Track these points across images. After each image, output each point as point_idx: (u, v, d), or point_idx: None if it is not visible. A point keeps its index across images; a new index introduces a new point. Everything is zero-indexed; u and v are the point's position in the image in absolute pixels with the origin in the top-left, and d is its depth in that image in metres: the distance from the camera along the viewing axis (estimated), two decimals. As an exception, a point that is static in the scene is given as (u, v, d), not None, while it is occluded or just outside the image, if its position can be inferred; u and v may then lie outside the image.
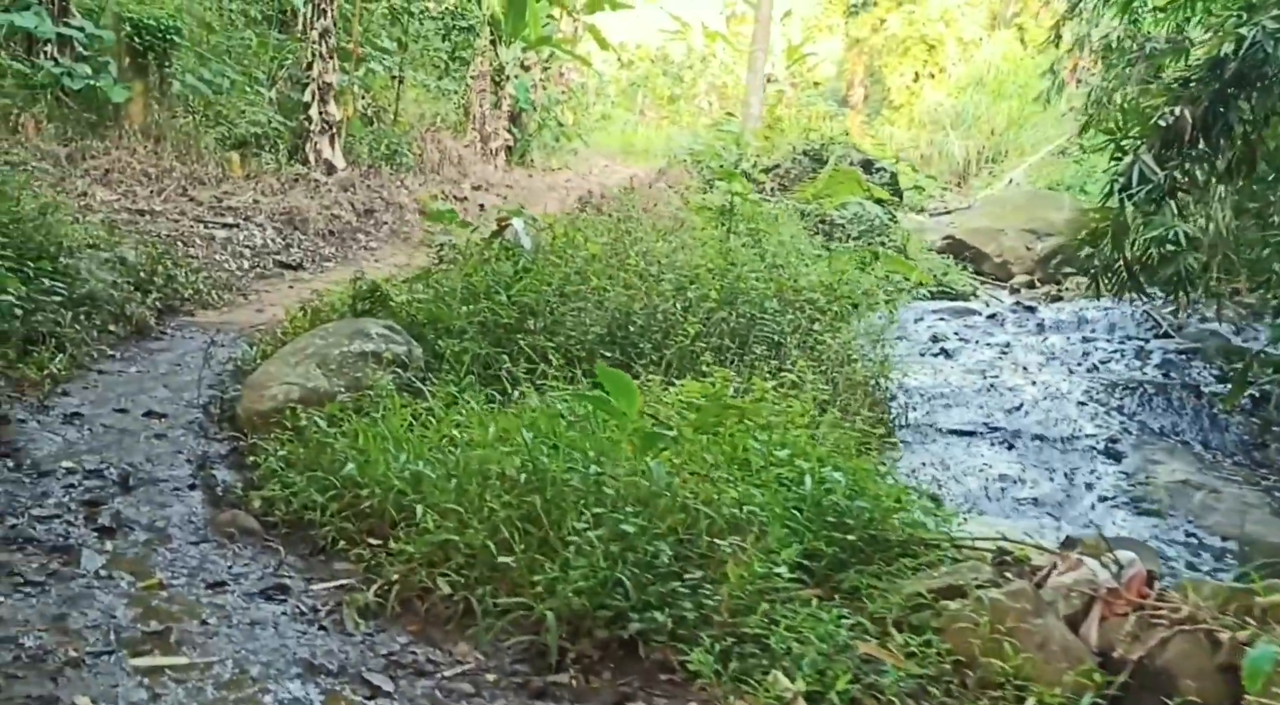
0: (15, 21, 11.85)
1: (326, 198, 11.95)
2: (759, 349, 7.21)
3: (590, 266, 7.43)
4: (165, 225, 9.81)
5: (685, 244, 8.28)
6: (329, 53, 14.45)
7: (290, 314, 7.35)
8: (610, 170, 24.22)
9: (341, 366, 5.99)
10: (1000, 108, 26.51)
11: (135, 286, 8.09)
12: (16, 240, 7.33)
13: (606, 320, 6.88)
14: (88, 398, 6.24)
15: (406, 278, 7.95)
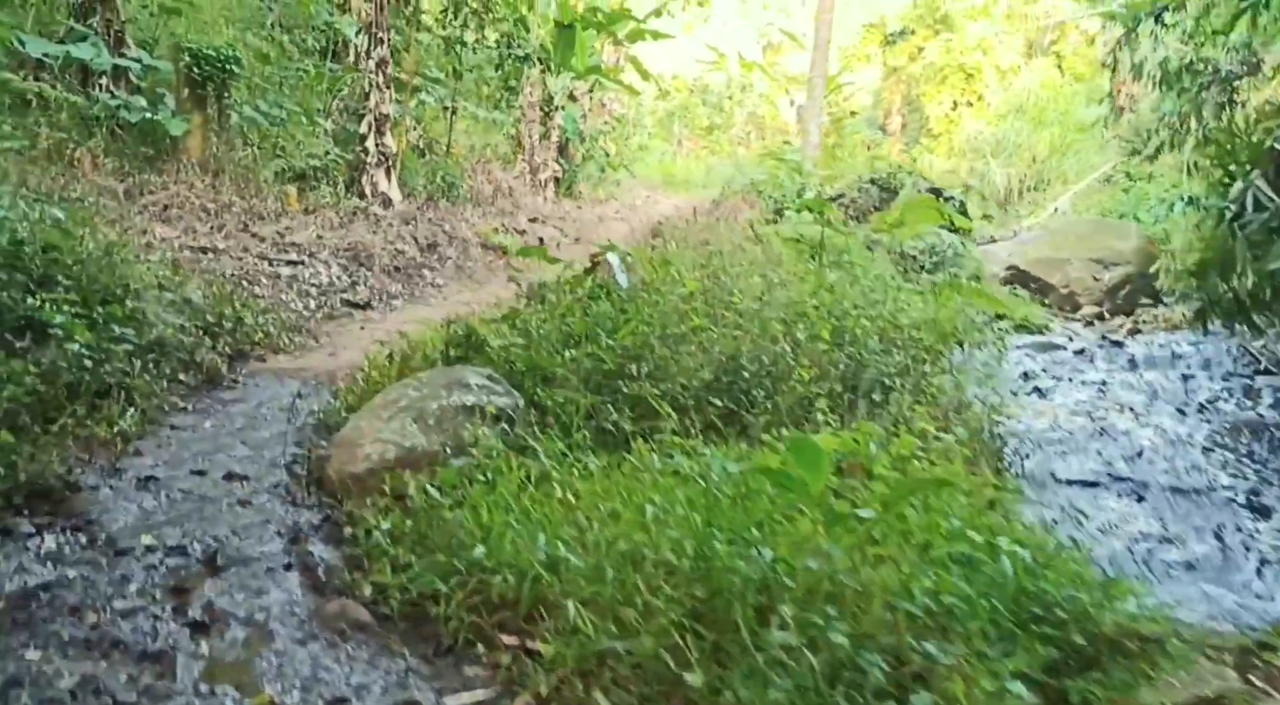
0: (72, 53, 11.36)
1: (389, 232, 11.34)
2: (869, 393, 6.53)
3: (689, 305, 6.76)
4: (229, 263, 9.20)
5: (783, 279, 7.59)
6: (385, 83, 13.92)
7: (373, 360, 6.70)
8: (654, 200, 23.63)
9: (440, 422, 5.31)
10: (1041, 135, 25.77)
11: (204, 330, 7.46)
12: (81, 282, 6.72)
13: (714, 364, 6.20)
14: (162, 458, 5.58)
15: (492, 318, 7.29)
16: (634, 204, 22.48)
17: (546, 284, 7.04)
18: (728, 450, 5.24)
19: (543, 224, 15.32)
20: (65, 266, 6.77)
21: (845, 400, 6.45)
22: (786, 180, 14.83)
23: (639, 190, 24.19)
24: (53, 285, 6.54)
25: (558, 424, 5.53)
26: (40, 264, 6.55)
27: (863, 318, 7.12)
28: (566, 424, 5.52)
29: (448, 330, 6.44)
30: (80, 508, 4.80)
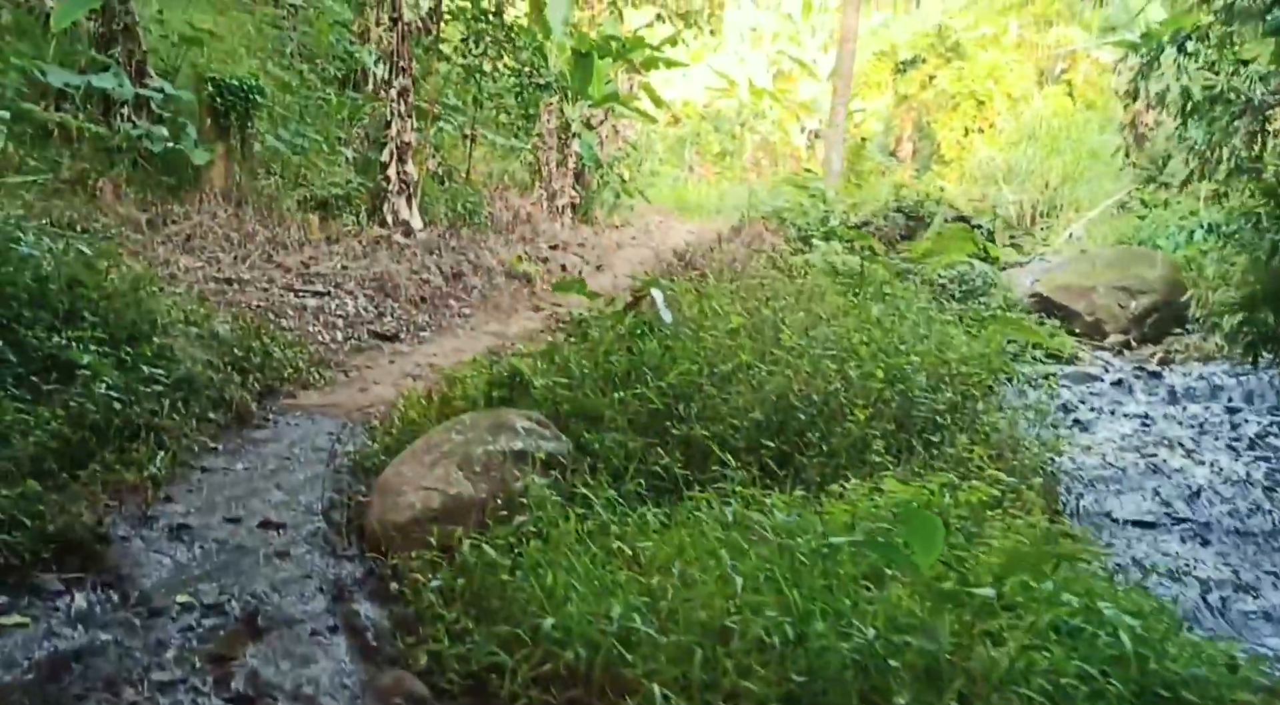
0: (94, 83, 11.11)
1: (413, 261, 11.05)
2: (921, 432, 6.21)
3: (735, 341, 6.44)
4: (254, 294, 8.91)
5: (827, 313, 7.27)
6: (407, 112, 13.67)
7: (410, 399, 6.38)
8: (667, 225, 23.34)
9: (487, 468, 4.99)
10: (1054, 162, 25.46)
11: (232, 366, 7.15)
12: (108, 318, 6.43)
13: (765, 404, 5.88)
14: (193, 504, 5.27)
15: (527, 353, 6.98)
16: (649, 229, 22.19)
17: (587, 319, 6.71)
18: (789, 499, 4.91)
19: (564, 251, 15.04)
20: (91, 301, 6.47)
21: (898, 440, 6.12)
22: (811, 208, 14.51)
23: (652, 215, 23.90)
24: (78, 321, 6.25)
25: (607, 469, 5.21)
26: (66, 300, 6.25)
27: (911, 353, 6.80)
28: (618, 469, 5.20)
29: (490, 371, 6.11)
30: (111, 561, 4.48)
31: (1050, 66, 28.52)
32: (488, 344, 9.09)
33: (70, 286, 6.43)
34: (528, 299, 11.60)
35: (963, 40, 28.89)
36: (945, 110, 28.95)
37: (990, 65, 28.51)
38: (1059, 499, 6.77)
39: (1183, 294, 13.66)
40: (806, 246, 12.43)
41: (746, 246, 14.60)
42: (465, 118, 16.86)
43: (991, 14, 29.78)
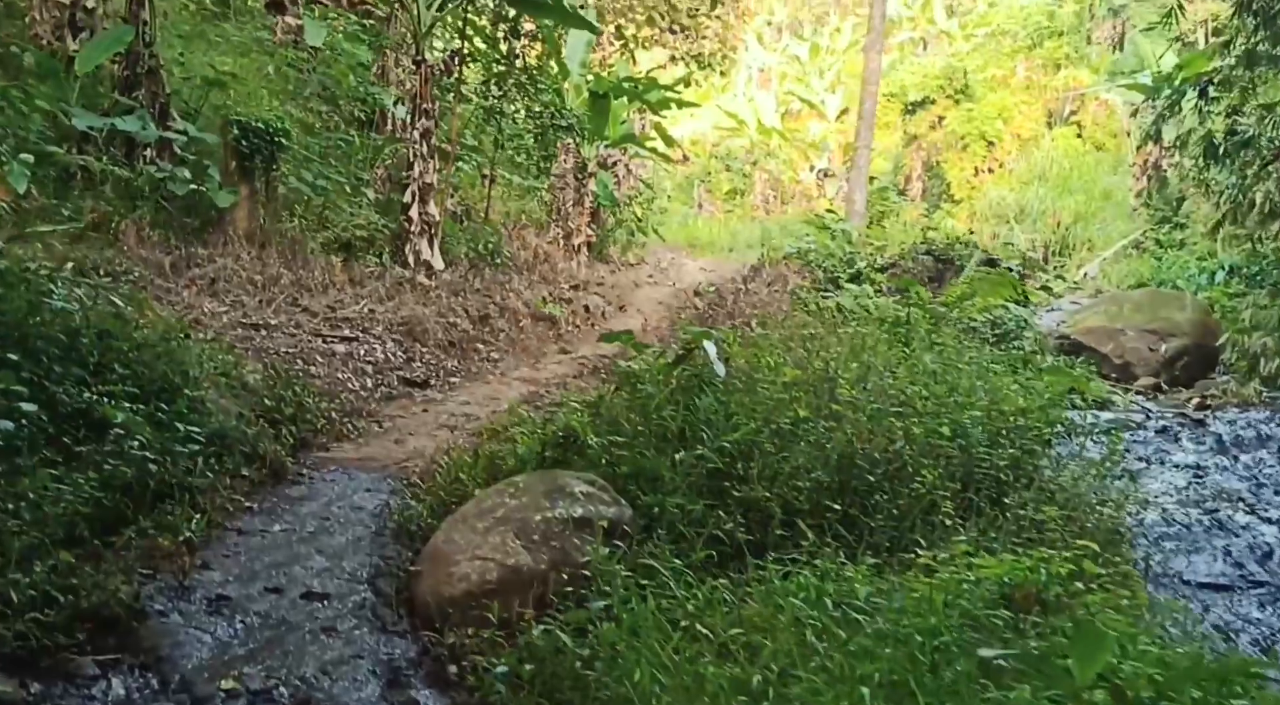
0: (118, 125, 10.87)
1: (439, 304, 10.75)
2: (982, 490, 5.87)
3: (790, 395, 6.10)
4: (282, 340, 8.59)
5: (880, 364, 6.93)
6: (429, 153, 13.41)
7: (453, 456, 6.04)
8: (679, 264, 23.10)
9: (547, 537, 4.64)
10: (1065, 202, 25.27)
11: (263, 418, 6.82)
12: (138, 371, 6.10)
13: (828, 464, 5.53)
14: (232, 572, 4.91)
15: (571, 405, 6.64)
16: (663, 267, 21.95)
17: (635, 371, 6.37)
18: (865, 570, 4.56)
19: (585, 291, 14.73)
20: (121, 353, 6.14)
21: (962, 499, 5.78)
22: (836, 248, 14.22)
23: (664, 253, 23.65)
24: (108, 374, 5.93)
25: (670, 536, 4.86)
26: (96, 352, 5.92)
27: (970, 407, 6.46)
28: (680, 535, 4.85)
29: (543, 429, 5.76)
30: (149, 640, 4.13)
31: (1059, 108, 28.40)
32: (520, 391, 8.77)
33: (100, 337, 6.10)
34: (554, 342, 11.29)
35: (972, 82, 28.81)
36: (955, 150, 28.83)
37: (999, 106, 28.43)
38: (1129, 559, 6.40)
39: (1213, 337, 13.33)
40: (834, 288, 12.11)
41: (768, 287, 14.31)
42: (484, 158, 16.65)
43: (999, 56, 29.73)
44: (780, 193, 31.25)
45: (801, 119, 34.55)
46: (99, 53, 11.14)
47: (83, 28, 11.79)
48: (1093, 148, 27.23)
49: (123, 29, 11.53)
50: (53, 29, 11.85)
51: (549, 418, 5.94)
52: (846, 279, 12.53)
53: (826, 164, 31.96)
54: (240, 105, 12.27)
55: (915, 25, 34.57)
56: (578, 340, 11.60)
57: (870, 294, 10.65)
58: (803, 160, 32.22)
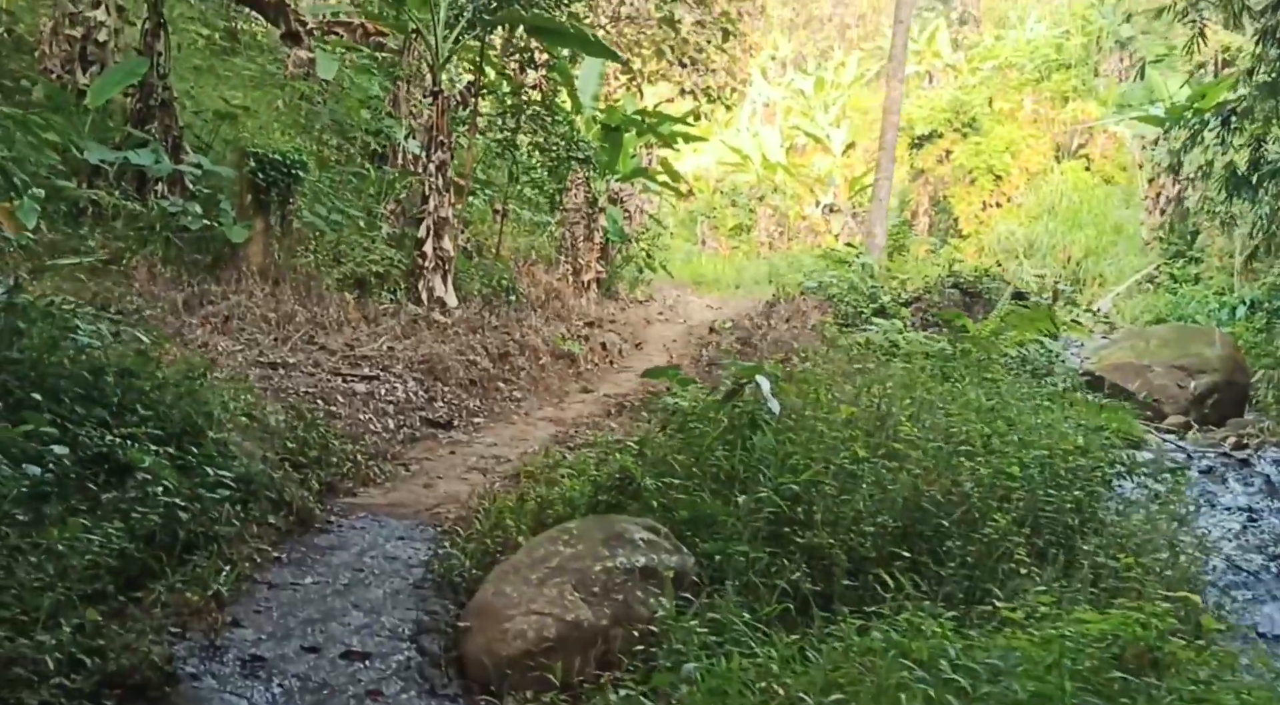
0: (131, 159, 10.66)
1: (457, 341, 10.48)
2: (1053, 537, 5.59)
3: (846, 433, 5.83)
4: (301, 380, 8.32)
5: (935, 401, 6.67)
6: (445, 186, 13.21)
7: (495, 499, 5.75)
8: (686, 301, 22.92)
9: (608, 589, 4.35)
10: (1075, 237, 25.15)
11: (288, 461, 6.53)
12: (161, 412, 5.82)
13: (893, 507, 5.25)
14: (264, 629, 4.60)
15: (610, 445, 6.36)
16: (671, 304, 21.75)
17: (684, 410, 6.09)
18: (944, 626, 4.26)
19: (600, 328, 14.48)
20: (143, 392, 5.87)
21: (1030, 546, 5.49)
22: (859, 282, 14.00)
23: (668, 290, 23.47)
24: (130, 415, 5.65)
25: (735, 586, 4.56)
26: (118, 392, 5.65)
27: (1031, 445, 6.19)
28: (750, 585, 4.56)
29: (598, 470, 5.46)
30: (182, 707, 3.82)
31: (1067, 141, 28.37)
32: (547, 432, 8.49)
33: (121, 376, 5.83)
34: (575, 380, 11.02)
35: (979, 115, 28.79)
36: (962, 184, 28.76)
37: (1007, 140, 28.38)
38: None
39: (1244, 374, 13.10)
40: (862, 323, 11.84)
41: (786, 323, 14.07)
42: (497, 192, 16.46)
43: (1006, 89, 29.74)
44: (787, 228, 31.10)
45: (806, 154, 34.54)
46: (112, 85, 10.96)
47: (93, 61, 11.64)
48: (1102, 181, 27.15)
49: (136, 61, 11.36)
50: (62, 63, 11.68)
51: (602, 459, 5.62)
52: (870, 314, 12.29)
53: (832, 199, 31.89)
54: (252, 139, 12.08)
55: (921, 59, 34.65)
56: (598, 378, 11.34)
57: (900, 328, 10.39)
58: (808, 195, 32.13)
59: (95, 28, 11.76)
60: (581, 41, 12.66)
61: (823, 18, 39.83)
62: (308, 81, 14.38)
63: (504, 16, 13.10)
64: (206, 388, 6.42)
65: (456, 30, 13.19)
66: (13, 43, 12.31)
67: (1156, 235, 22.33)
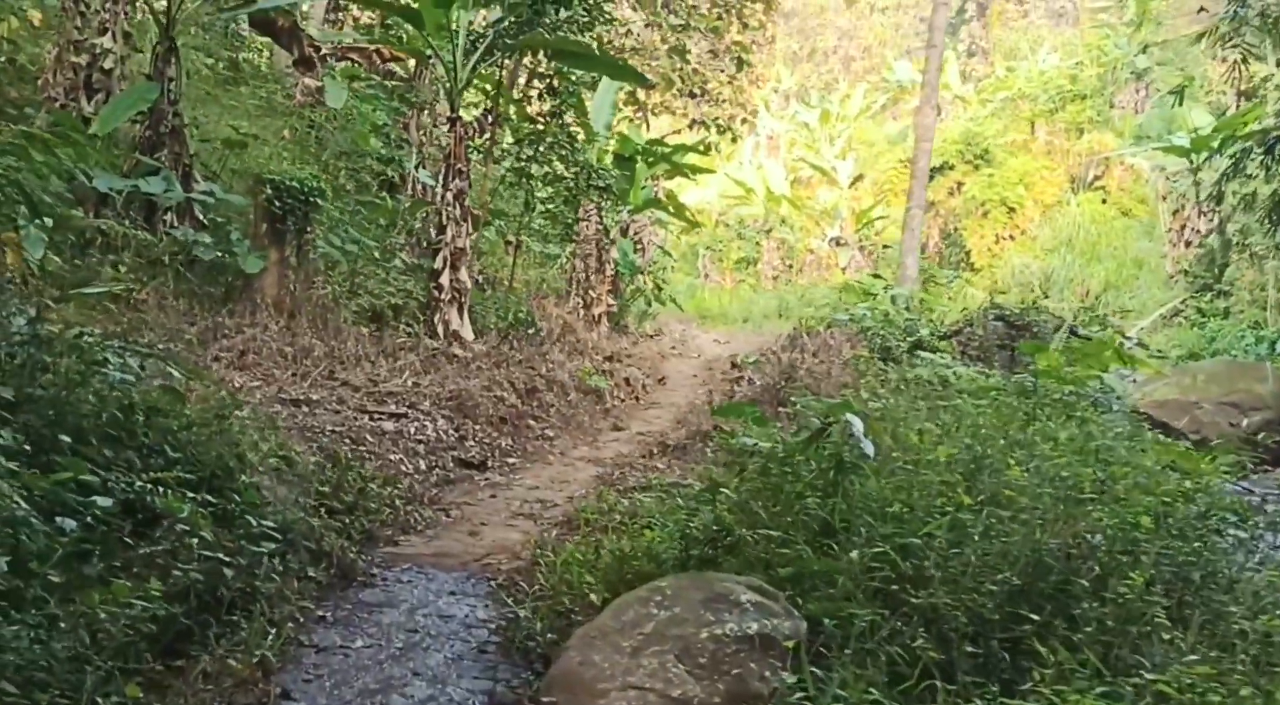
0: (141, 187, 10.25)
1: (481, 377, 10.03)
2: (1181, 594, 5.12)
3: (946, 477, 5.38)
4: (327, 418, 7.85)
5: (1029, 442, 6.22)
6: (462, 216, 12.82)
7: (565, 553, 5.28)
8: (692, 335, 22.50)
9: (717, 660, 3.88)
10: (1094, 270, 24.85)
11: (324, 507, 6.06)
12: (191, 453, 5.35)
13: (1015, 563, 4.79)
14: (318, 702, 4.12)
15: (684, 490, 5.90)
16: (682, 339, 21.35)
17: (760, 450, 5.63)
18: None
19: (619, 363, 14.04)
20: (172, 433, 5.40)
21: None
22: (896, 315, 13.58)
23: (673, 324, 23.07)
24: (159, 457, 5.19)
25: (855, 656, 4.10)
26: (147, 432, 5.19)
27: (1149, 491, 5.75)
28: (868, 653, 4.09)
29: (684, 520, 4.99)
30: (242, 803, 3.33)
31: (1082, 173, 28.18)
32: (589, 474, 8.03)
33: (149, 414, 5.37)
34: (604, 417, 10.57)
35: (991, 147, 28.62)
36: (974, 217, 28.52)
37: (1020, 171, 28.18)
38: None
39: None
40: (900, 357, 11.39)
41: (813, 357, 13.64)
42: (510, 223, 16.09)
43: (1019, 121, 29.62)
44: (795, 262, 30.79)
45: (811, 187, 34.34)
46: (122, 111, 10.58)
47: (99, 89, 11.26)
48: (1119, 213, 26.92)
49: (146, 86, 11.00)
50: (66, 91, 11.29)
51: (691, 510, 5.12)
52: (908, 347, 11.89)
53: (839, 232, 31.62)
54: (266, 166, 11.70)
55: (928, 92, 34.52)
56: (627, 415, 10.89)
57: (949, 363, 9.98)
58: (814, 228, 31.86)
59: (101, 55, 11.39)
60: (608, 66, 12.34)
61: (827, 50, 39.80)
62: (315, 110, 14.05)
63: (527, 41, 12.78)
64: (240, 427, 5.96)
65: (476, 56, 12.86)
66: (15, 72, 11.94)
67: (1181, 268, 22.03)
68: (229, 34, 17.28)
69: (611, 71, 12.86)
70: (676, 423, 10.04)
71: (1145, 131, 27.58)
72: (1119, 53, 29.34)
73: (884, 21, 40.26)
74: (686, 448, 8.40)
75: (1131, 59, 29.06)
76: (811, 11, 38.69)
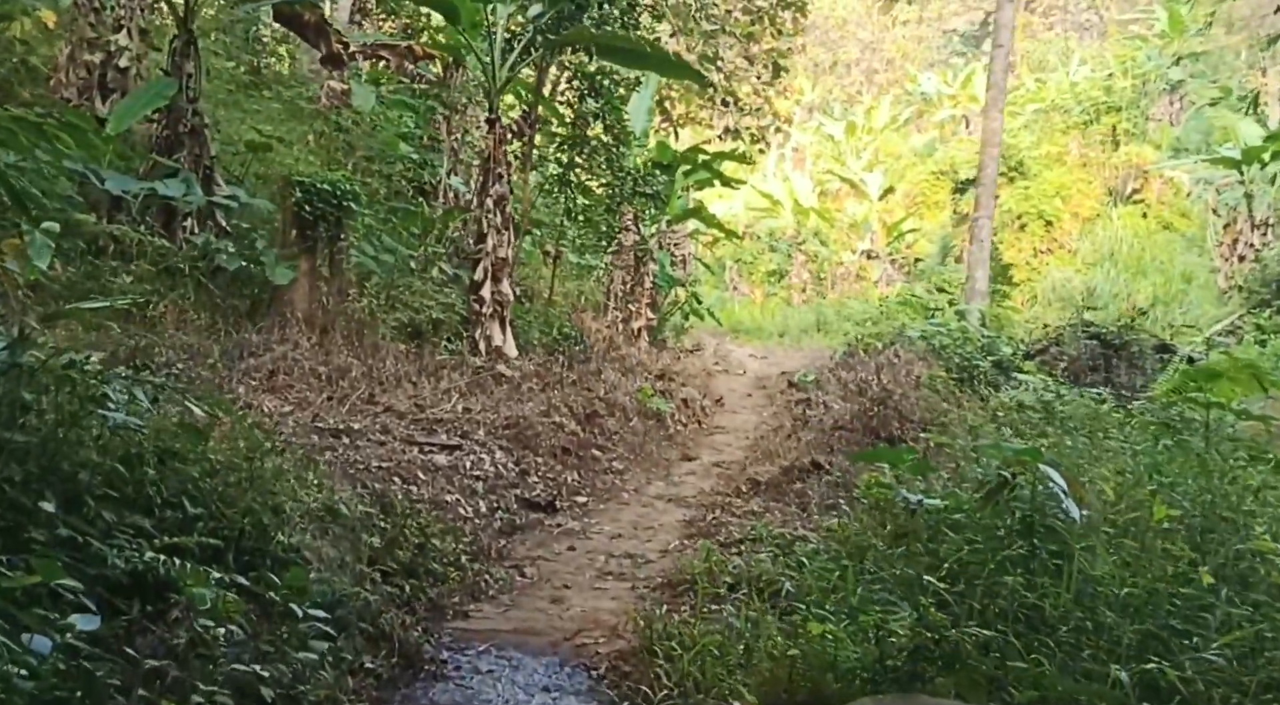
0: (159, 190, 9.10)
1: (534, 400, 8.83)
2: None
3: (1173, 547, 4.14)
4: (371, 451, 6.64)
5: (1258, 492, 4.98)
6: (504, 224, 11.64)
7: (695, 645, 4.05)
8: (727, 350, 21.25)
9: None
10: (1140, 285, 23.54)
11: (376, 567, 4.86)
12: (214, 509, 4.16)
13: (1277, 664, 3.57)
14: None
15: (811, 553, 4.67)
16: (723, 354, 20.12)
17: (929, 508, 4.41)
18: None
19: (671, 381, 12.82)
20: (192, 482, 4.22)
21: None
22: (973, 332, 12.33)
23: (706, 338, 21.84)
24: (175, 512, 4.01)
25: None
26: (162, 485, 3.99)
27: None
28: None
29: (871, 618, 3.73)
30: None
31: (1119, 186, 26.93)
32: (674, 518, 6.81)
33: (164, 460, 4.18)
34: (669, 444, 9.35)
35: (1025, 159, 27.40)
36: (1011, 230, 27.26)
37: (1057, 184, 26.94)
38: None
39: None
40: (980, 378, 10.12)
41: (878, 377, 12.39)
42: (548, 232, 14.91)
43: (1052, 133, 28.41)
44: (830, 275, 29.56)
45: (839, 199, 33.14)
46: (138, 108, 9.46)
47: (114, 88, 10.23)
48: (1160, 226, 25.67)
49: (164, 82, 9.89)
50: (80, 90, 10.24)
51: (881, 626, 3.79)
52: (990, 367, 10.67)
53: (869, 244, 30.41)
54: (288, 171, 10.54)
55: (956, 103, 33.40)
56: (693, 442, 9.68)
57: (1051, 386, 8.76)
58: (845, 241, 30.65)
59: (116, 53, 10.36)
60: (660, 62, 11.14)
61: (849, 62, 38.64)
62: (341, 113, 12.92)
63: (571, 36, 11.62)
64: (270, 470, 4.76)
65: (515, 53, 11.71)
66: (27, 73, 10.85)
67: (1235, 284, 20.75)
68: (250, 38, 16.25)
69: (664, 68, 11.69)
70: (751, 451, 8.83)
71: (1183, 144, 26.39)
72: (1152, 65, 28.15)
73: (907, 34, 39.10)
74: (781, 486, 7.18)
75: (1164, 71, 27.88)
76: (833, 24, 37.52)
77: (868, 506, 5.04)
